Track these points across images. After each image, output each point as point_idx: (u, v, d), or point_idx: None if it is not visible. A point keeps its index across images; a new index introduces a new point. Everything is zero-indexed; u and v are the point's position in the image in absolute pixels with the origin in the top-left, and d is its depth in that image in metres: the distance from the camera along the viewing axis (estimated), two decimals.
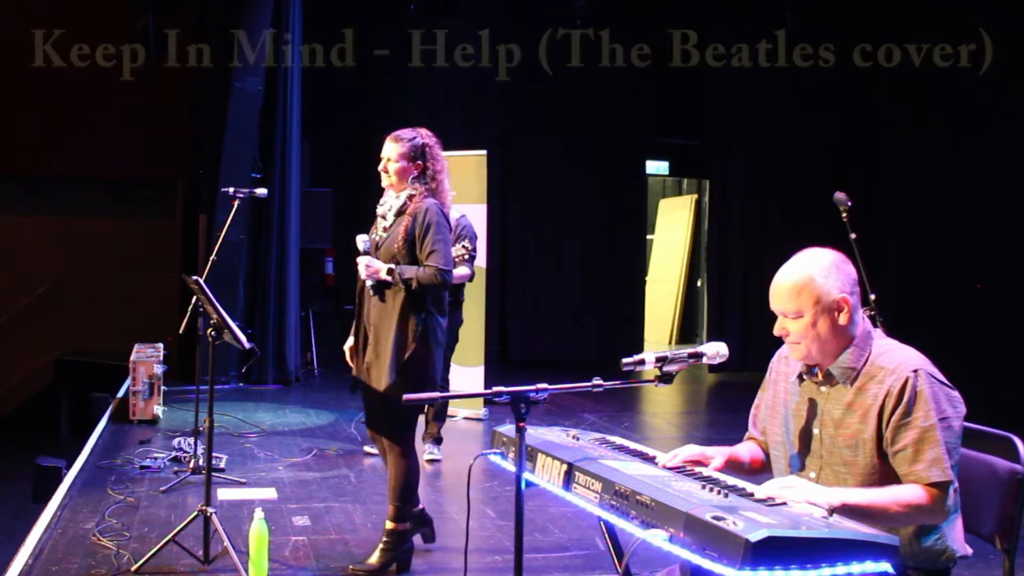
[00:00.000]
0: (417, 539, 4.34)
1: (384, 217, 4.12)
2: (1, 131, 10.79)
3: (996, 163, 9.38)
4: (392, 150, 4.07)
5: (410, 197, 4.05)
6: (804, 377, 2.52)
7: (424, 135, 4.13)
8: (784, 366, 2.63)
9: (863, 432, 2.35)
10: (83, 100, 10.70)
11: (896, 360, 2.37)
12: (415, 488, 4.16)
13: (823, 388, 2.47)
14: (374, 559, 4.12)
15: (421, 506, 4.30)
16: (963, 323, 9.39)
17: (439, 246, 3.95)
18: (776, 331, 2.47)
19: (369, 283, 4.04)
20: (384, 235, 4.08)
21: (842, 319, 2.40)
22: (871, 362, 2.40)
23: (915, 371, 2.32)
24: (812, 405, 2.48)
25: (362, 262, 4.04)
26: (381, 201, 4.20)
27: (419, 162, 4.07)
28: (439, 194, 4.10)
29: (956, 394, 2.36)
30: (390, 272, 3.96)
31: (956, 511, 2.38)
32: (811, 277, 2.40)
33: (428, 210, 3.98)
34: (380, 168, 4.12)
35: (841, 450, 2.39)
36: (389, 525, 4.13)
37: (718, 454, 2.54)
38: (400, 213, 4.06)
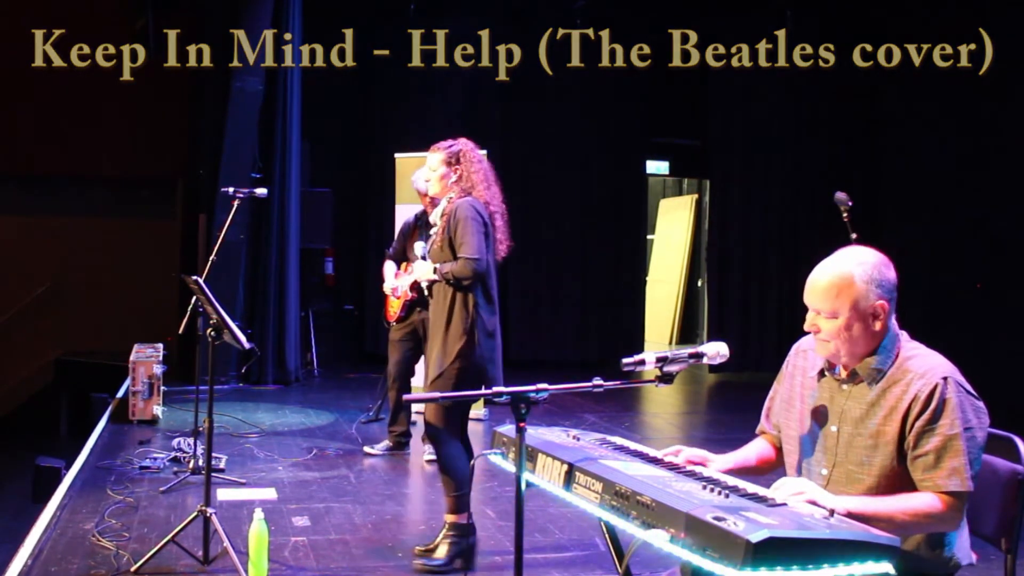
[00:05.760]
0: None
1: (435, 224, 4.38)
2: (1, 131, 10.79)
3: (996, 163, 9.38)
4: (432, 160, 4.32)
5: (449, 200, 4.28)
6: (826, 373, 2.48)
7: (461, 142, 4.34)
8: (802, 360, 2.59)
9: (885, 433, 2.32)
10: (83, 100, 10.70)
11: (925, 365, 2.33)
12: (466, 474, 4.20)
13: (845, 386, 2.43)
14: (440, 552, 4.17)
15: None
16: (963, 323, 9.39)
17: (467, 237, 4.11)
18: (807, 326, 2.42)
19: (424, 284, 4.39)
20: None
21: (877, 325, 2.36)
22: (898, 365, 2.37)
23: (944, 378, 2.29)
24: (832, 402, 2.45)
25: (418, 266, 4.43)
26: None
27: (455, 166, 4.28)
28: (476, 194, 4.26)
29: (981, 404, 2.33)
30: (435, 271, 4.22)
31: (964, 520, 2.37)
32: (852, 279, 2.34)
33: (459, 208, 4.17)
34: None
35: (858, 449, 2.37)
36: (449, 518, 4.21)
37: (720, 459, 2.51)
38: (442, 217, 4.30)
